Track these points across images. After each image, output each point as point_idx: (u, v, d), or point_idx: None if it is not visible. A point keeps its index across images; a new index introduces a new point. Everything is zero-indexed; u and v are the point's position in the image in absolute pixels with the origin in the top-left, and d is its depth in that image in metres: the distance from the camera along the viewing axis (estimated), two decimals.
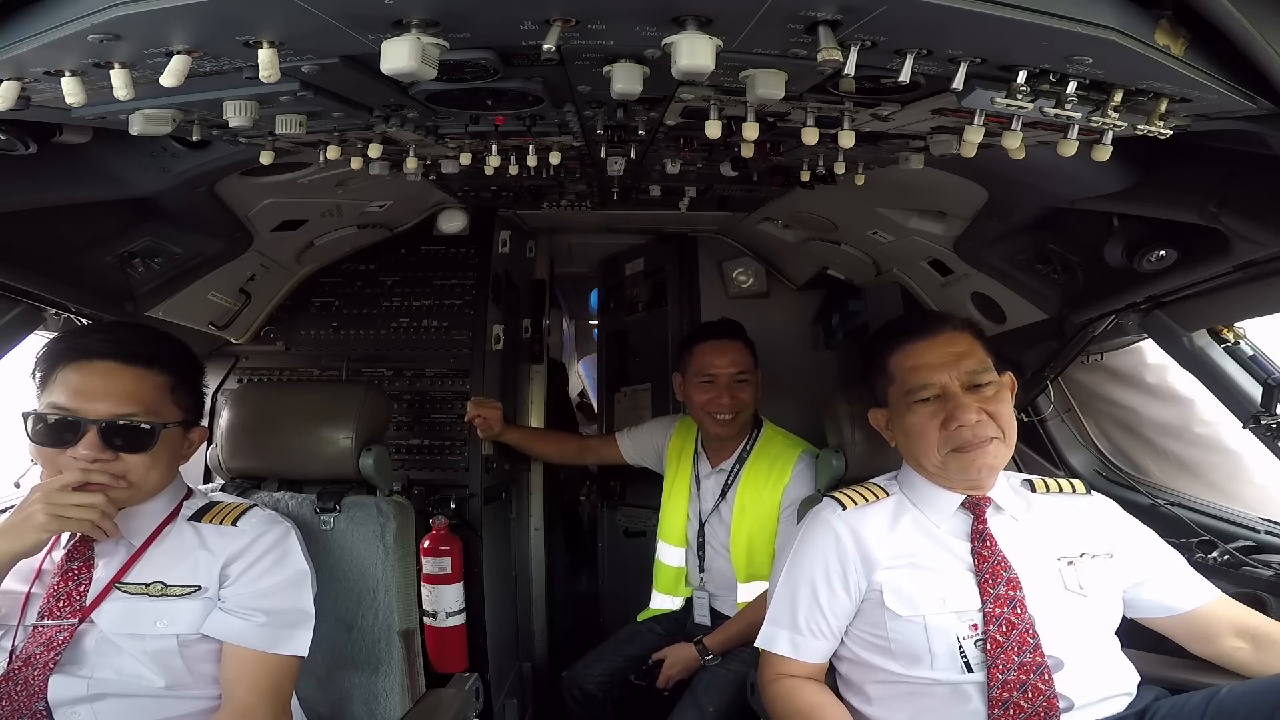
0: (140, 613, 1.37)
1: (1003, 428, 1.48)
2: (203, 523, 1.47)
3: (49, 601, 1.35)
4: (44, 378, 1.37)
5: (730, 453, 2.33)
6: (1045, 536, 1.50)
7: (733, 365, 2.26)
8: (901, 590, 1.45)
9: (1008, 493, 1.55)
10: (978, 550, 1.46)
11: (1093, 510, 1.57)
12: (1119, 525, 1.57)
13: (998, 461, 1.49)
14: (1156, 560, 1.54)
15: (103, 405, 1.32)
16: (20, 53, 0.88)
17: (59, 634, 1.32)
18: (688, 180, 2.13)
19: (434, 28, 0.85)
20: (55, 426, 1.32)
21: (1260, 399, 1.77)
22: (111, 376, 1.35)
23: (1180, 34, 0.86)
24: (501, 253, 2.79)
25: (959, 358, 1.50)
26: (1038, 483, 1.61)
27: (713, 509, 2.32)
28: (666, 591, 2.44)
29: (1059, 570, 1.45)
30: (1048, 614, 1.40)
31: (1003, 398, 1.50)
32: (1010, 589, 1.41)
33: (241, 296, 2.37)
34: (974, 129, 1.08)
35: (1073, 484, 1.62)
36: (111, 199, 1.64)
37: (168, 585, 1.40)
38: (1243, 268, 1.48)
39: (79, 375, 1.34)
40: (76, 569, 1.38)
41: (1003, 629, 1.38)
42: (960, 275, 2.27)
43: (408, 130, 1.41)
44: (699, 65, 0.84)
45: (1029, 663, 1.35)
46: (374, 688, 1.57)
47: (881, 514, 1.55)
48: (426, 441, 2.59)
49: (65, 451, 1.31)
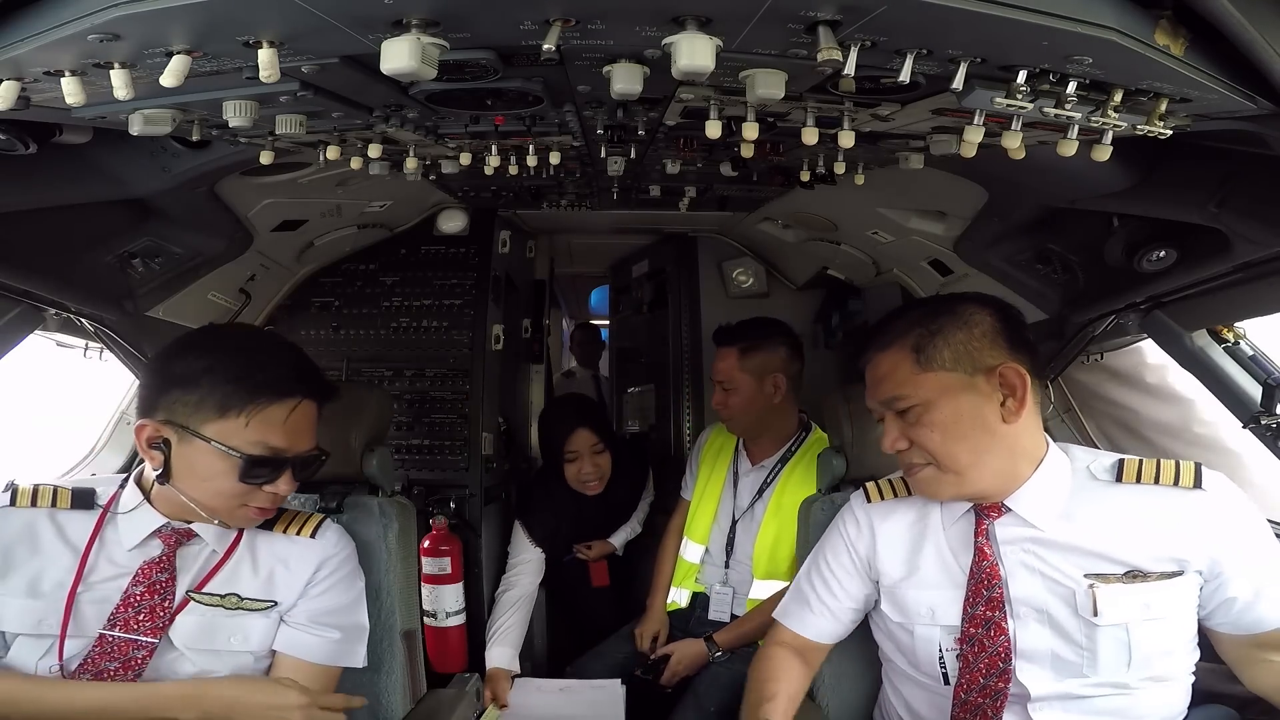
0: (216, 627, 1.33)
1: (932, 453, 1.30)
2: (275, 531, 1.43)
3: (126, 611, 1.27)
4: (225, 407, 1.26)
5: (772, 451, 2.34)
6: (1085, 547, 1.29)
7: (717, 373, 2.32)
8: (896, 596, 1.44)
9: (1050, 496, 1.32)
10: (973, 562, 1.35)
11: (1191, 509, 1.28)
12: (1219, 534, 1.27)
13: (939, 490, 1.34)
14: (1242, 581, 1.26)
15: (304, 443, 1.34)
16: (20, 53, 0.88)
17: (136, 651, 1.26)
18: (687, 180, 2.13)
19: (434, 28, 0.85)
20: (261, 465, 1.29)
21: (1260, 399, 1.76)
22: (310, 415, 1.35)
23: (1180, 34, 0.86)
24: (501, 253, 2.79)
25: (877, 383, 1.37)
26: (1131, 467, 1.33)
27: (748, 507, 2.32)
28: (676, 585, 2.45)
29: (1074, 590, 1.27)
30: (1034, 644, 1.29)
31: (927, 421, 1.30)
32: (989, 609, 1.31)
33: (241, 296, 2.37)
34: (974, 129, 1.08)
35: (1178, 471, 1.30)
36: (111, 199, 1.64)
37: (243, 598, 1.35)
38: (1243, 268, 1.48)
39: (293, 416, 1.31)
40: (165, 581, 1.31)
41: (974, 649, 1.32)
42: (960, 275, 2.27)
43: (408, 130, 1.41)
44: (699, 65, 0.84)
45: (991, 687, 1.31)
46: (375, 688, 1.56)
47: (906, 511, 1.46)
48: (426, 441, 2.59)
49: (263, 487, 1.30)
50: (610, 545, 2.71)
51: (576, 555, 2.68)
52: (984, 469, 1.31)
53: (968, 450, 1.29)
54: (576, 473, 2.52)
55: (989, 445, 1.30)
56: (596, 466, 2.52)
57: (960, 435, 1.29)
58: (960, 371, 1.30)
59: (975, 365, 1.30)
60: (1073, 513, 1.32)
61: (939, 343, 1.31)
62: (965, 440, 1.29)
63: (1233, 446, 2.21)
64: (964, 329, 1.32)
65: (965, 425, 1.29)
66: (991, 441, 1.30)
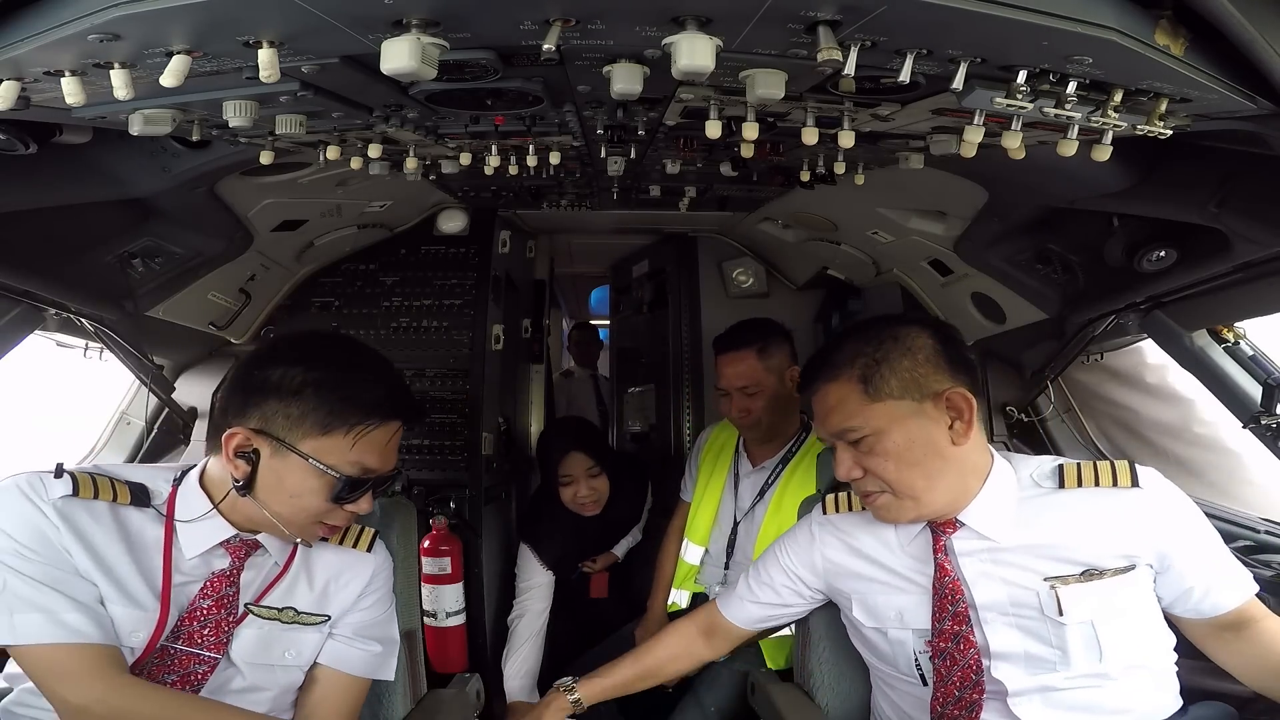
0: (272, 641, 1.30)
1: (887, 481, 1.32)
2: (330, 542, 1.39)
3: (191, 624, 1.23)
4: (328, 425, 1.21)
5: (773, 453, 2.33)
6: (1040, 552, 1.32)
7: (738, 378, 2.25)
8: (866, 602, 1.46)
9: (999, 507, 1.35)
10: (935, 578, 1.37)
11: (1132, 507, 1.31)
12: (1160, 528, 1.31)
13: (898, 515, 1.35)
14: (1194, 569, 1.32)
15: (392, 463, 1.31)
16: (20, 53, 0.88)
17: (198, 665, 1.23)
18: (687, 180, 2.13)
19: (434, 28, 0.85)
20: (357, 485, 1.25)
21: (1260, 399, 1.77)
22: (399, 436, 1.31)
23: (1180, 34, 0.86)
24: (501, 253, 2.79)
25: (827, 414, 1.37)
26: (1070, 473, 1.35)
27: (749, 508, 2.32)
28: (676, 586, 2.45)
29: (1038, 595, 1.30)
30: (1006, 646, 1.32)
31: (880, 450, 1.30)
32: (956, 623, 1.33)
33: (241, 296, 2.37)
34: (974, 129, 1.08)
35: (1115, 472, 1.34)
36: (111, 199, 1.64)
37: (299, 612, 1.33)
38: (1243, 268, 1.48)
39: (385, 437, 1.27)
40: (231, 595, 1.26)
41: (946, 663, 1.35)
42: (960, 275, 2.27)
43: (408, 130, 1.41)
44: (699, 65, 0.84)
45: (965, 699, 1.33)
46: (376, 688, 1.56)
47: (865, 522, 1.48)
48: (426, 441, 2.59)
49: (344, 506, 1.26)
50: (614, 556, 2.71)
51: (583, 570, 2.67)
52: (938, 491, 1.33)
53: (922, 475, 1.31)
54: (572, 496, 2.50)
55: (941, 469, 1.32)
56: (593, 489, 2.50)
57: (913, 461, 1.31)
58: (909, 399, 1.31)
59: (923, 391, 1.31)
60: (1024, 520, 1.34)
61: (885, 372, 1.32)
62: (918, 466, 1.31)
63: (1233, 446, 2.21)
64: (908, 355, 1.33)
65: (917, 452, 1.31)
66: (944, 465, 1.32)
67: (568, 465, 2.48)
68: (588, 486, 2.49)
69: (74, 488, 1.17)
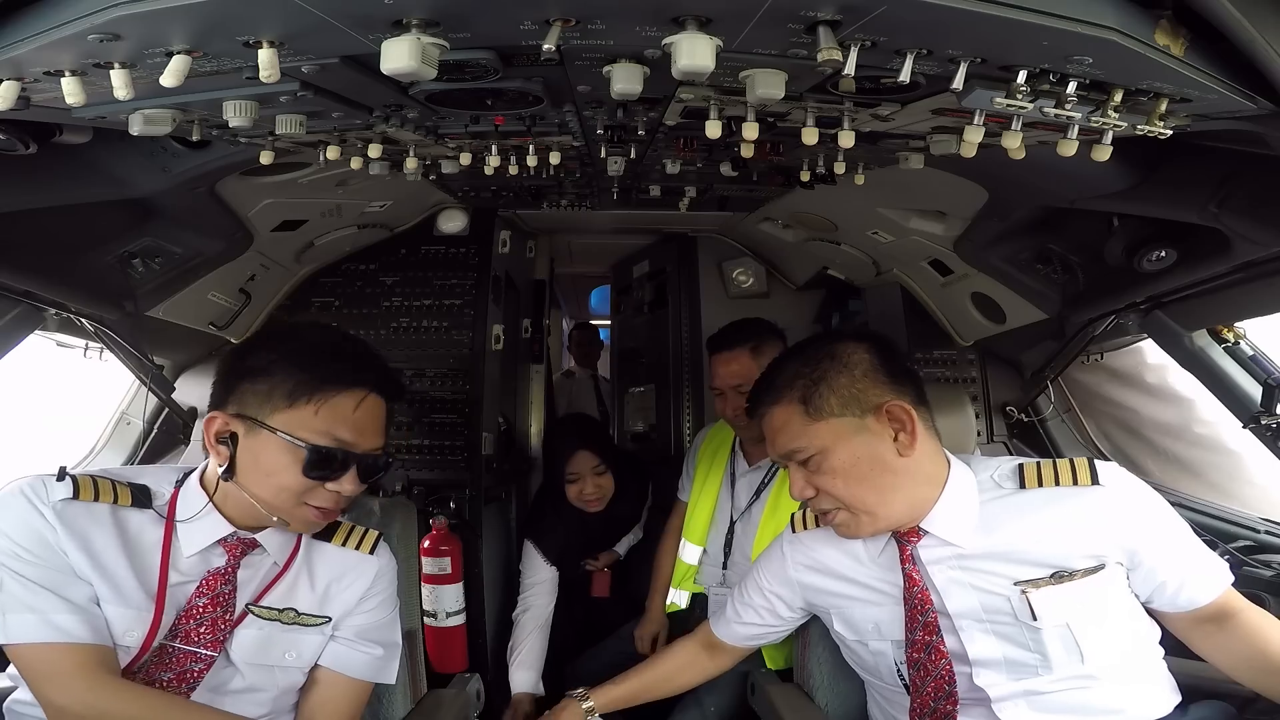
0: (272, 642, 1.30)
1: (839, 498, 1.32)
2: (332, 543, 1.39)
3: (188, 622, 1.23)
4: (294, 395, 1.22)
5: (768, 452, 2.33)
6: (1008, 556, 1.30)
7: (732, 377, 2.26)
8: (843, 616, 1.47)
9: (961, 512, 1.34)
10: (904, 588, 1.37)
11: (1094, 506, 1.30)
12: (1125, 525, 1.30)
13: (858, 530, 1.36)
14: (1165, 564, 1.31)
15: (372, 441, 1.28)
16: (20, 53, 0.88)
17: (194, 664, 1.23)
18: (688, 180, 2.13)
19: (434, 28, 0.85)
20: (327, 458, 1.22)
21: (1260, 399, 1.77)
22: (378, 412, 1.29)
23: (1180, 34, 0.86)
24: (501, 253, 2.79)
25: (773, 436, 1.38)
26: (1030, 473, 1.34)
27: (745, 508, 2.32)
28: (675, 586, 2.45)
29: (1010, 600, 1.29)
30: (985, 652, 1.32)
31: (828, 468, 1.31)
32: (926, 633, 1.34)
33: (241, 296, 2.37)
34: (974, 129, 1.08)
35: (1074, 470, 1.33)
36: (111, 199, 1.64)
37: (300, 613, 1.33)
38: (1243, 268, 1.48)
39: (361, 408, 1.25)
40: (228, 594, 1.26)
41: (920, 674, 1.36)
42: (960, 275, 2.27)
43: (408, 130, 1.41)
44: (699, 65, 0.84)
45: (940, 710, 1.34)
46: (376, 688, 1.56)
47: (831, 537, 1.46)
48: (426, 441, 2.59)
49: (325, 485, 1.23)
50: (616, 554, 2.72)
51: (585, 568, 2.69)
52: (893, 504, 1.33)
53: (873, 490, 1.32)
54: (578, 493, 2.53)
55: (892, 482, 1.32)
56: (598, 487, 2.52)
57: (861, 477, 1.31)
58: (850, 415, 1.32)
59: (863, 406, 1.32)
60: (988, 524, 1.33)
61: (824, 390, 1.33)
62: (867, 480, 1.31)
63: (1233, 446, 2.22)
64: (845, 372, 1.34)
65: (864, 467, 1.31)
66: (894, 478, 1.32)
67: (574, 463, 2.50)
68: (593, 484, 2.51)
69: (74, 490, 1.19)
